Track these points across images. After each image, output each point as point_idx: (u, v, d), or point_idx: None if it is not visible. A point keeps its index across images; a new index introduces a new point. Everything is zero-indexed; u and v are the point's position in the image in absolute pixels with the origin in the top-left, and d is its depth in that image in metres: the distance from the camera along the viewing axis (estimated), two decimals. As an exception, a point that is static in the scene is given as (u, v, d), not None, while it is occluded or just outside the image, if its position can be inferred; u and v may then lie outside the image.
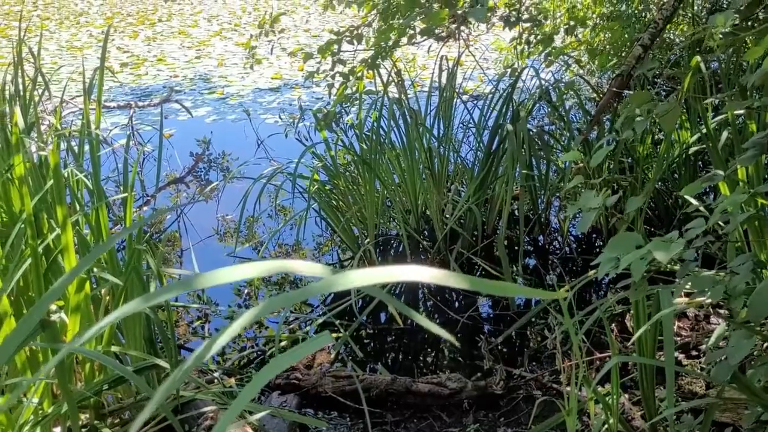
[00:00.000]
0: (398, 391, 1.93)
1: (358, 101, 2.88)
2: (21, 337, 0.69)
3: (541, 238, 2.97)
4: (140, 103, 4.75)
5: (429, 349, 2.32)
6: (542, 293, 0.41)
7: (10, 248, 1.57)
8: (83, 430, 1.56)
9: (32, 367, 1.45)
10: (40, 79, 2.66)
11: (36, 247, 1.36)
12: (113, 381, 1.50)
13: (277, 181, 2.93)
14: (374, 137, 2.73)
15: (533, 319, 2.31)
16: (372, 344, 2.34)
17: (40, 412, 1.42)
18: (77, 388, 1.53)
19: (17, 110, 1.80)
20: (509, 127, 2.57)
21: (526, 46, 3.24)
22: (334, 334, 2.26)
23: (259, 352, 2.27)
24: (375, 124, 2.77)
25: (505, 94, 2.84)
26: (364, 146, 2.81)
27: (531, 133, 2.77)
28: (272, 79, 6.12)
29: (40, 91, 2.80)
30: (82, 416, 1.58)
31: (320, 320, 2.39)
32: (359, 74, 2.87)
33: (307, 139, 3.24)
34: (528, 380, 1.98)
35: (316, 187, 2.78)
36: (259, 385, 0.47)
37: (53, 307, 1.35)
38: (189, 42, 8.10)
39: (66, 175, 2.01)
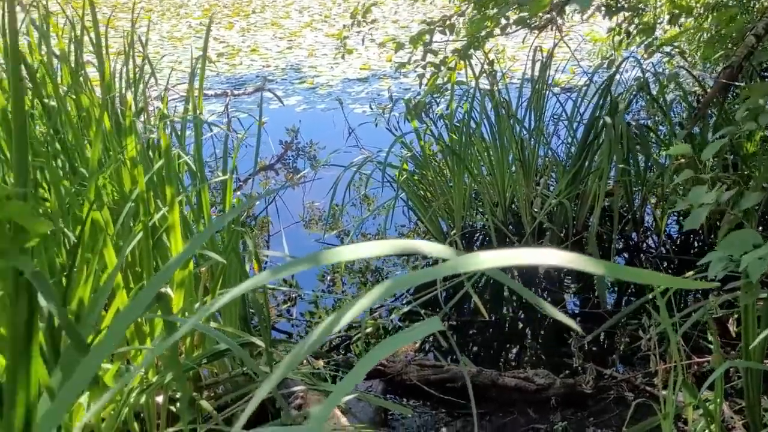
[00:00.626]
0: (483, 384, 1.91)
1: (449, 92, 2.87)
2: (137, 312, 0.72)
3: (634, 235, 2.86)
4: (236, 92, 4.92)
5: (513, 344, 2.29)
6: (691, 283, 0.40)
7: (120, 226, 1.67)
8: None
9: (139, 336, 1.54)
10: (146, 67, 2.81)
11: (147, 223, 1.44)
12: (212, 356, 1.57)
13: (364, 170, 2.96)
14: (464, 129, 2.71)
15: (624, 320, 2.23)
16: (455, 336, 2.34)
17: (145, 381, 1.51)
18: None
19: (129, 96, 1.91)
20: (607, 119, 2.49)
21: (624, 36, 3.12)
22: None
23: (343, 338, 2.31)
24: (465, 115, 2.74)
25: (602, 85, 2.74)
26: (454, 137, 2.79)
27: (629, 126, 2.67)
28: (360, 69, 6.19)
29: (147, 78, 2.95)
30: (182, 387, 1.66)
31: (405, 309, 2.40)
32: (450, 64, 2.86)
33: (396, 129, 3.25)
34: (619, 381, 1.92)
35: (404, 176, 2.79)
36: (368, 367, 0.47)
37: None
38: (281, 33, 8.31)
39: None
